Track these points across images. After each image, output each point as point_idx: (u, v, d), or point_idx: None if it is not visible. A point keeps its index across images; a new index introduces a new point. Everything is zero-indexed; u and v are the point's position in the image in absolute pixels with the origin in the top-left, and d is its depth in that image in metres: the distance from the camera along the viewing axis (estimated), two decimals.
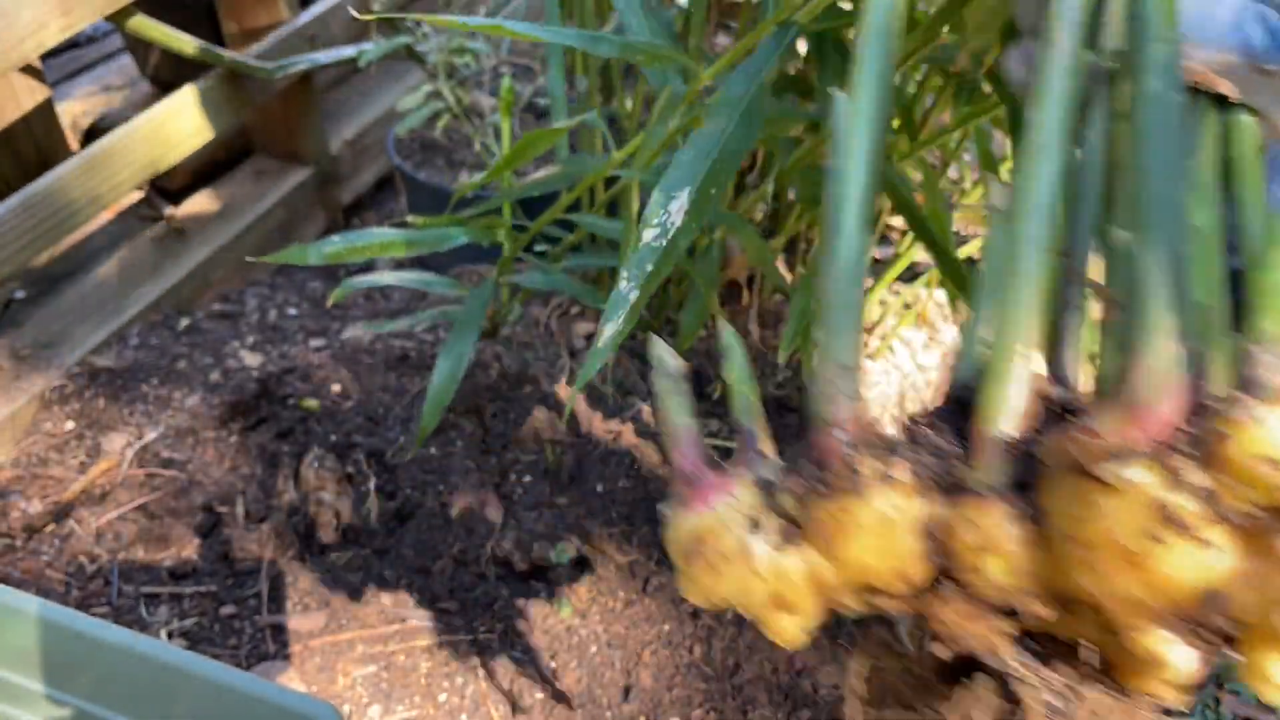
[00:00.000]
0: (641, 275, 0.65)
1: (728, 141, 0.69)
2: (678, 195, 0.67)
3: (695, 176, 0.68)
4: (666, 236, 0.65)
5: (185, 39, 1.60)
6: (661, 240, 0.65)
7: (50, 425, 1.45)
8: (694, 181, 0.67)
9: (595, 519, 1.38)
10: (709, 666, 1.25)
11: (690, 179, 0.67)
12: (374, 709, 1.18)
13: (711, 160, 0.68)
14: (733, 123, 0.70)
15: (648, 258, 0.65)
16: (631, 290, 0.65)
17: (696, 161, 0.68)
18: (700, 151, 0.69)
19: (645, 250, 0.65)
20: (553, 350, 1.65)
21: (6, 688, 0.84)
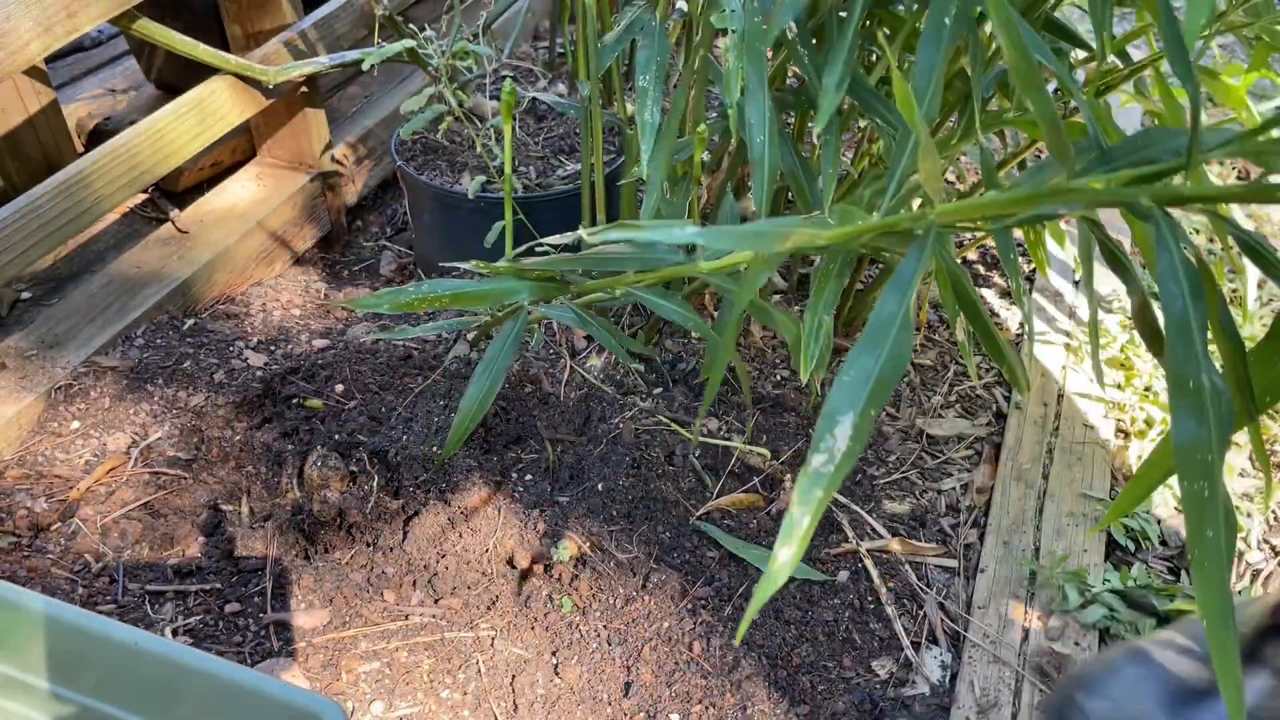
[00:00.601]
0: (812, 502, 0.66)
1: (884, 365, 0.70)
2: (842, 420, 0.68)
3: (858, 401, 0.69)
4: (834, 463, 0.67)
5: (189, 42, 1.61)
6: (829, 466, 0.67)
7: (56, 424, 1.46)
8: (857, 406, 0.69)
9: (596, 517, 1.39)
10: (708, 663, 1.26)
11: (854, 404, 0.69)
12: (377, 705, 1.19)
13: (873, 383, 0.70)
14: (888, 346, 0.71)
15: (818, 484, 0.66)
16: (804, 516, 0.66)
17: (858, 385, 0.70)
18: (861, 374, 0.70)
19: (814, 476, 0.67)
20: (553, 351, 1.66)
21: (13, 684, 0.85)
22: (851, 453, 0.67)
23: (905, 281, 0.75)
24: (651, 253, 1.09)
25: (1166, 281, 0.64)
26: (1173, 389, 0.63)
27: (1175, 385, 0.63)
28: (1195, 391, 0.63)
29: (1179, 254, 0.65)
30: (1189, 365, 0.63)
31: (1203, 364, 0.63)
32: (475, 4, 2.46)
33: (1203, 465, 0.62)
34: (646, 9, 1.32)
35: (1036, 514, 1.47)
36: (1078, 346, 1.78)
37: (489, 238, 1.59)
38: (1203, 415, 0.62)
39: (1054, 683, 1.25)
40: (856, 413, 0.68)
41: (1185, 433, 0.63)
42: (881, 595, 1.36)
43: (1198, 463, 0.62)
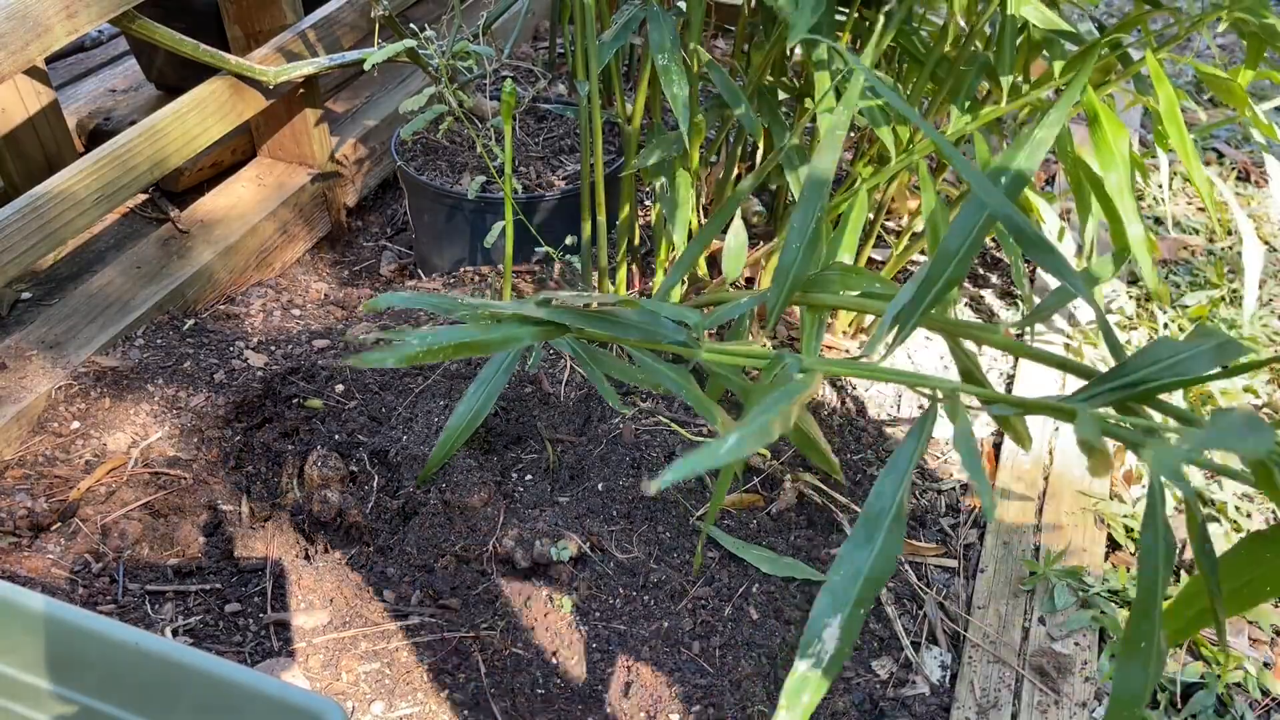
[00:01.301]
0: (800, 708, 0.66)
1: (876, 562, 0.70)
2: (830, 623, 0.68)
3: (846, 603, 0.68)
4: (821, 667, 0.67)
5: (190, 42, 1.61)
6: (816, 671, 0.67)
7: (56, 424, 1.46)
8: (845, 609, 0.68)
9: (596, 517, 1.39)
10: (708, 663, 1.26)
11: (842, 606, 0.68)
12: (377, 705, 1.19)
13: (862, 582, 0.69)
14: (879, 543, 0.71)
15: (805, 689, 0.66)
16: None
17: (847, 585, 0.69)
18: (850, 575, 0.69)
19: (802, 680, 0.66)
20: (553, 351, 1.66)
21: (13, 685, 0.85)
22: (840, 655, 0.67)
23: (902, 467, 0.73)
24: (656, 325, 1.09)
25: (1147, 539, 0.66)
26: (1124, 648, 0.65)
27: (1127, 645, 0.65)
28: (1144, 652, 0.64)
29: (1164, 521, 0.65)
30: (1145, 628, 0.65)
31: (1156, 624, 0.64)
32: (475, 4, 2.46)
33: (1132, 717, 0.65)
34: (646, 4, 1.32)
35: (1036, 514, 1.48)
36: (1078, 347, 1.78)
37: (489, 238, 1.59)
38: (1145, 673, 0.64)
39: (1054, 682, 1.25)
40: (845, 615, 0.68)
41: (1125, 689, 0.65)
42: (881, 595, 1.36)
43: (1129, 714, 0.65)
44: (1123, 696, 0.65)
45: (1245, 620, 1.37)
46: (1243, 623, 1.37)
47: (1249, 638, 1.36)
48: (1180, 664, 1.32)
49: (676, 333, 0.98)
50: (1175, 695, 1.28)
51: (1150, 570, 0.65)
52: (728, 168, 1.61)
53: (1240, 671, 1.31)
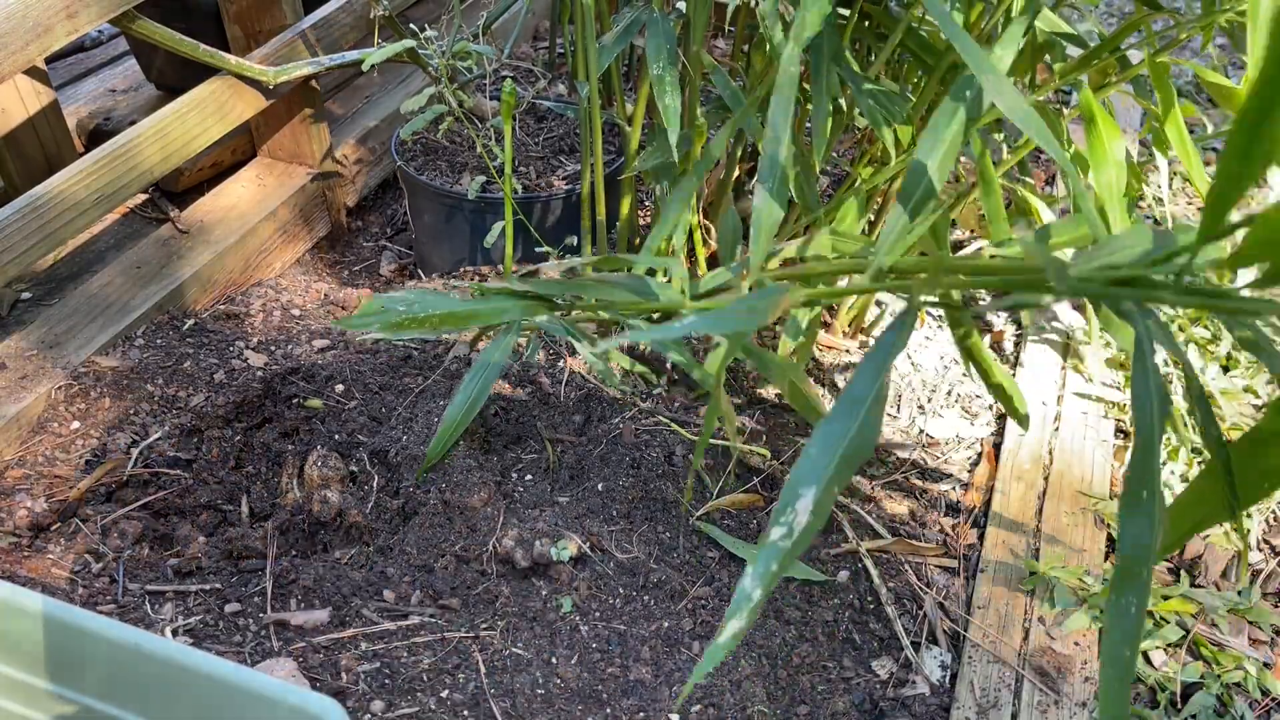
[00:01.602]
0: (767, 575, 0.65)
1: (854, 439, 0.69)
2: (805, 494, 0.67)
3: (822, 475, 0.68)
4: (792, 538, 0.66)
5: (190, 42, 1.61)
6: (787, 541, 0.66)
7: (56, 425, 1.46)
8: (820, 481, 0.67)
9: (596, 517, 1.39)
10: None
11: (817, 478, 0.67)
12: (377, 705, 1.19)
13: (839, 458, 0.68)
14: (859, 421, 0.70)
15: (774, 556, 0.65)
16: (756, 589, 0.65)
17: (822, 459, 0.68)
18: (827, 449, 0.69)
19: (771, 549, 0.65)
20: (553, 351, 1.66)
21: (13, 685, 0.85)
22: (811, 528, 0.66)
23: (883, 356, 0.73)
24: (642, 287, 1.09)
25: (1139, 388, 0.64)
26: (1126, 497, 0.62)
27: (1129, 496, 0.62)
28: (1146, 502, 0.62)
29: (1154, 360, 0.64)
30: (1146, 477, 0.63)
31: (1156, 478, 0.62)
32: (475, 4, 2.46)
33: (1137, 582, 0.61)
34: (646, 8, 1.32)
35: (1036, 514, 1.48)
36: (1077, 346, 1.78)
37: (489, 238, 1.59)
38: (1148, 529, 0.62)
39: (1054, 682, 1.25)
40: (819, 487, 0.67)
41: (1130, 545, 0.62)
42: (881, 595, 1.36)
43: (1134, 577, 0.62)
44: (1131, 553, 0.62)
45: (1245, 620, 1.37)
46: (1243, 623, 1.37)
47: (1249, 638, 1.36)
48: (1180, 664, 1.32)
49: (663, 288, 0.98)
50: (1175, 695, 1.28)
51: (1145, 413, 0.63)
52: (728, 168, 1.61)
53: (1240, 671, 1.31)
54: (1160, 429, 0.63)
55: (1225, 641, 1.34)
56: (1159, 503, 0.62)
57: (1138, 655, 0.61)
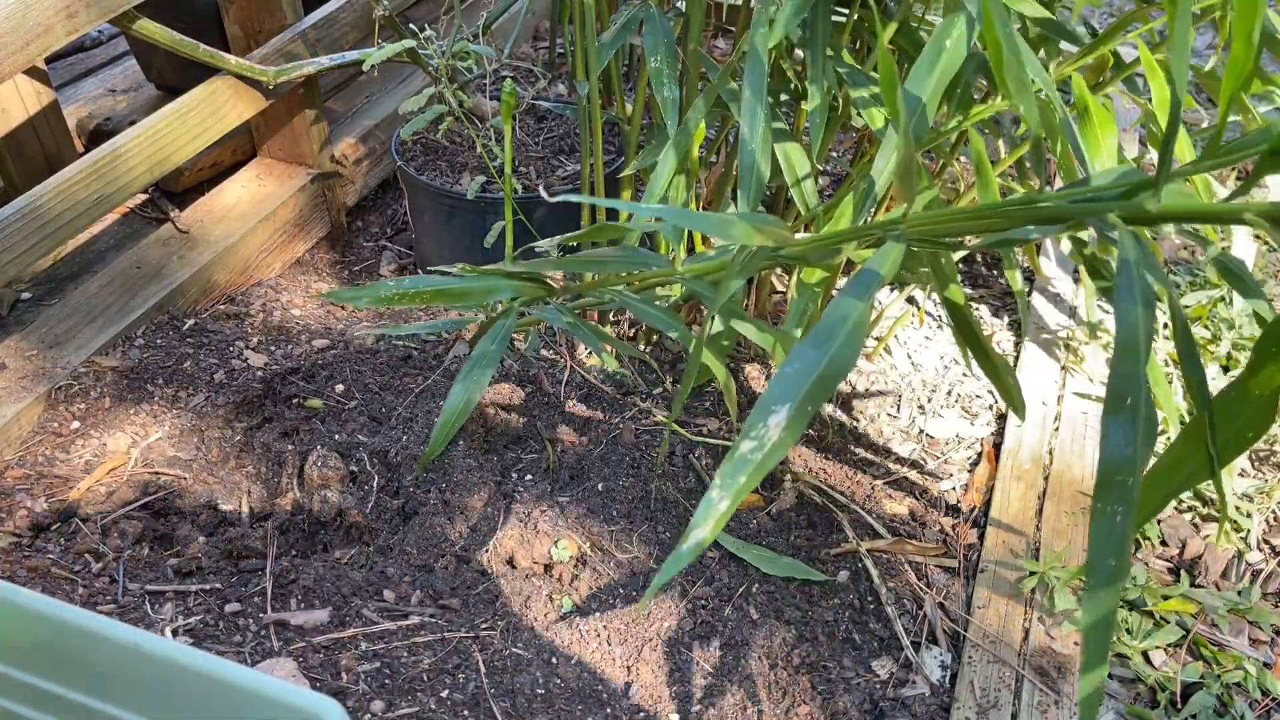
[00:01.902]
0: (734, 486, 0.65)
1: (832, 360, 0.69)
2: (778, 410, 0.67)
3: (796, 394, 0.67)
4: (762, 451, 0.66)
5: (190, 42, 1.61)
6: (757, 454, 0.65)
7: (56, 425, 1.46)
8: (795, 399, 0.67)
9: (596, 517, 1.39)
10: (708, 663, 1.26)
11: (791, 395, 0.67)
12: (377, 704, 1.19)
13: (815, 378, 0.68)
14: (837, 344, 0.69)
15: (741, 469, 0.65)
16: (722, 500, 0.65)
17: (799, 377, 0.68)
18: (804, 368, 0.68)
19: (740, 462, 0.65)
20: (554, 351, 1.66)
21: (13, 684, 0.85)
22: (782, 444, 0.66)
23: (867, 284, 0.73)
24: (636, 257, 1.08)
25: (1123, 297, 0.63)
26: (1109, 403, 0.61)
27: (1112, 400, 0.61)
28: (1130, 409, 0.61)
29: (1139, 273, 0.63)
30: (1129, 384, 0.61)
31: (1142, 387, 0.61)
32: (475, 4, 2.46)
33: (1121, 489, 0.60)
34: (644, 5, 1.33)
35: (1036, 514, 1.48)
36: (1077, 346, 1.78)
37: (489, 238, 1.59)
38: (1131, 437, 0.61)
39: (1054, 682, 1.25)
40: (793, 405, 0.67)
41: (1112, 450, 0.61)
42: (881, 595, 1.36)
43: (1117, 484, 0.60)
44: (1113, 458, 0.61)
45: (1245, 620, 1.37)
46: (1243, 623, 1.37)
47: (1249, 638, 1.36)
48: (1180, 664, 1.32)
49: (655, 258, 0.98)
50: (1175, 695, 1.28)
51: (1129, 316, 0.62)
52: (727, 167, 1.61)
53: (1240, 671, 1.31)
54: (1146, 335, 0.62)
55: (1225, 641, 1.34)
56: (1144, 409, 0.61)
57: (1126, 568, 0.59)
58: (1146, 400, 0.61)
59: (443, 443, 1.20)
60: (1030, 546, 1.43)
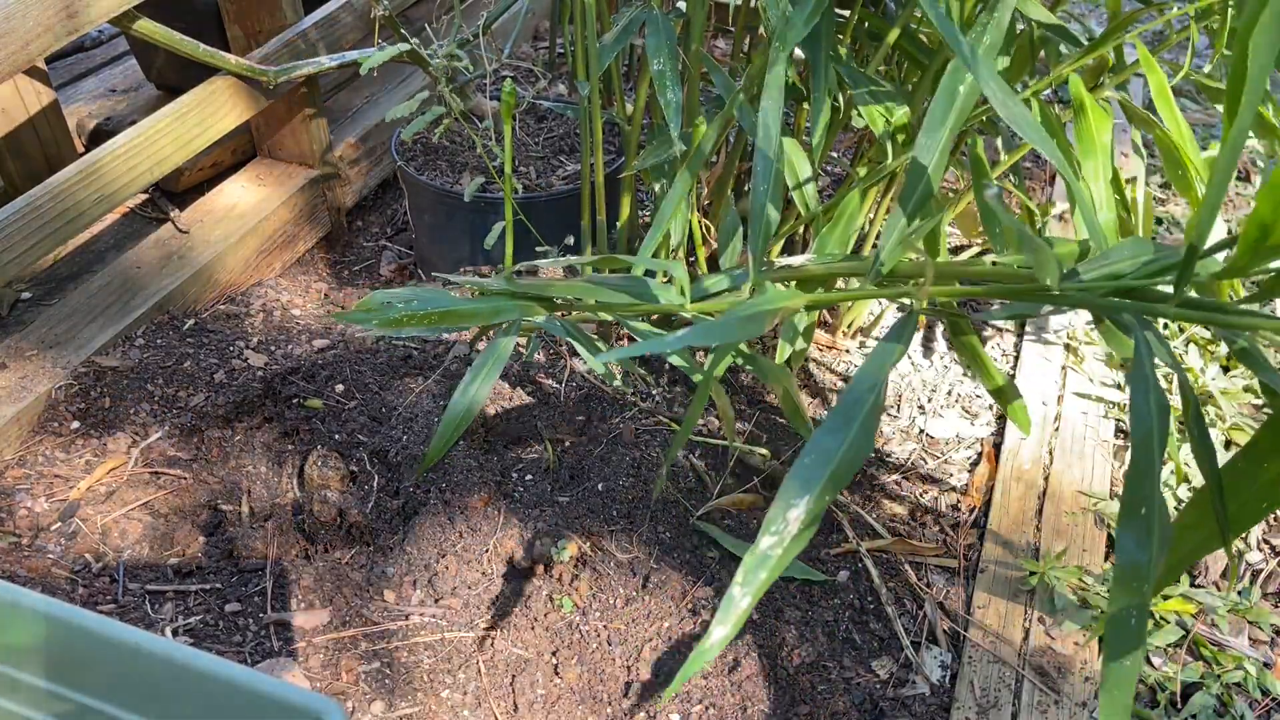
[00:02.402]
0: (755, 583, 0.65)
1: (848, 450, 0.69)
2: (797, 504, 0.67)
3: (814, 486, 0.67)
4: (783, 546, 0.66)
5: (190, 42, 1.61)
6: (777, 550, 0.66)
7: (57, 424, 1.46)
8: (813, 491, 0.67)
9: (596, 517, 1.39)
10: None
11: (810, 489, 0.67)
12: (377, 705, 1.19)
13: (833, 467, 0.68)
14: (853, 432, 0.69)
15: (763, 566, 0.65)
16: (744, 597, 0.65)
17: (816, 469, 0.68)
18: (820, 459, 0.68)
19: (761, 558, 0.65)
20: (554, 351, 1.66)
21: (13, 684, 0.85)
22: (801, 538, 0.66)
23: (879, 364, 0.72)
24: (640, 289, 1.08)
25: (1137, 397, 0.63)
26: (1124, 509, 0.61)
27: (1128, 506, 0.62)
28: (1145, 517, 0.61)
29: (1153, 373, 0.63)
30: (1145, 488, 0.62)
31: (1155, 491, 0.61)
32: (475, 4, 2.46)
33: (1136, 592, 0.61)
34: (645, 7, 1.33)
35: (1036, 514, 1.48)
36: (1077, 346, 1.78)
37: (489, 239, 1.59)
38: (1146, 542, 0.61)
39: (1054, 682, 1.25)
40: (812, 497, 0.67)
41: (1127, 555, 0.61)
42: (881, 595, 1.36)
43: (1132, 590, 0.61)
44: (1128, 566, 0.61)
45: (1245, 620, 1.37)
46: (1243, 623, 1.37)
47: (1249, 638, 1.36)
48: (1180, 664, 1.32)
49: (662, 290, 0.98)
50: (1175, 695, 1.28)
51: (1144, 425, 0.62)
52: (727, 168, 1.61)
53: (1240, 671, 1.31)
54: (1161, 442, 0.63)
55: (1225, 641, 1.34)
56: (1158, 517, 0.61)
57: (1140, 666, 0.60)
58: (1161, 508, 0.62)
59: (441, 451, 1.21)
60: (1030, 546, 1.43)
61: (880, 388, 0.71)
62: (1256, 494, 0.67)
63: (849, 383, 0.72)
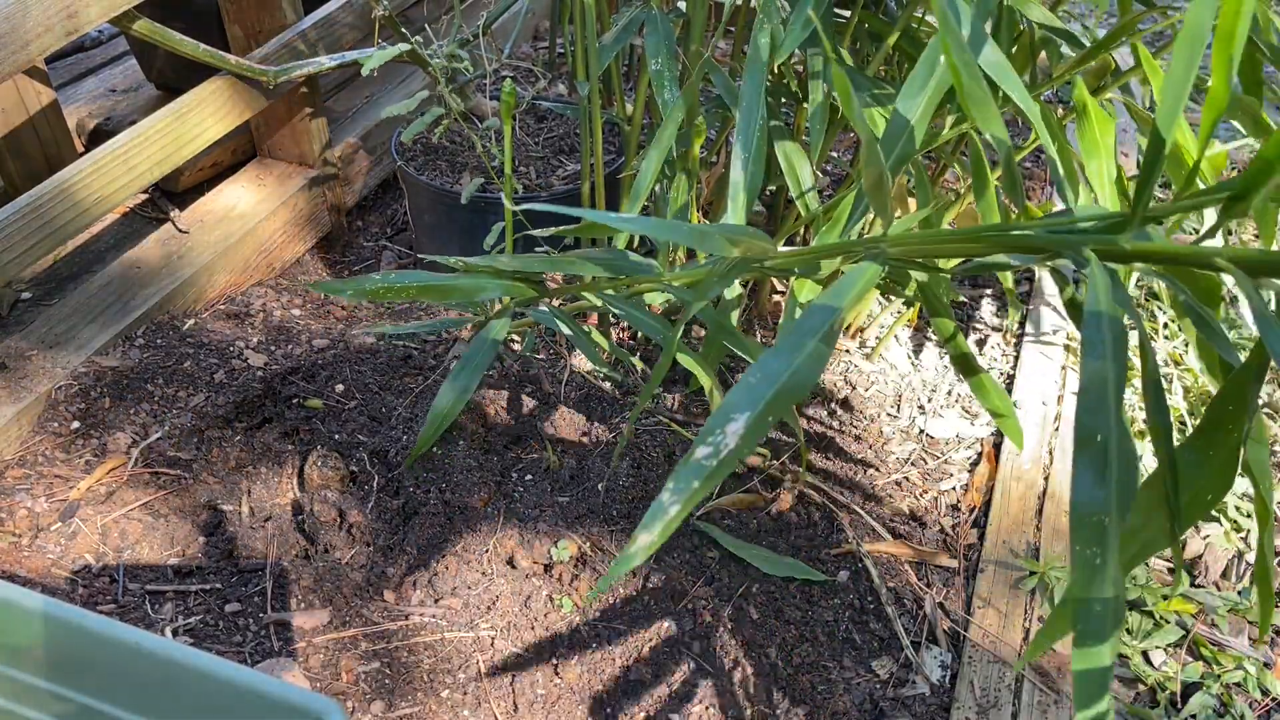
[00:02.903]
0: (687, 491, 0.63)
1: (795, 373, 0.67)
2: (736, 418, 0.65)
3: (757, 403, 0.66)
4: (717, 458, 0.64)
5: (190, 42, 1.61)
6: (712, 460, 0.64)
7: (57, 424, 1.46)
8: (755, 408, 0.66)
9: (596, 517, 1.39)
10: (709, 663, 1.26)
11: (752, 404, 0.66)
12: (377, 705, 1.19)
13: (777, 389, 0.67)
14: (802, 356, 0.68)
15: (695, 474, 0.64)
16: (673, 504, 0.63)
17: (760, 388, 0.67)
18: (767, 378, 0.67)
19: (694, 467, 0.64)
20: (553, 350, 1.66)
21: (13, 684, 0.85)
22: (738, 452, 0.64)
23: (839, 296, 0.71)
24: (624, 262, 1.08)
25: (1091, 331, 0.61)
26: (1077, 441, 0.58)
27: (1080, 438, 0.58)
28: (1100, 446, 0.58)
29: (1109, 307, 0.62)
30: (1099, 419, 0.59)
31: (1114, 423, 0.58)
32: (475, 4, 2.46)
33: (1097, 529, 0.57)
34: (645, 7, 1.33)
35: (1036, 514, 1.48)
36: (1077, 346, 1.78)
37: (489, 239, 1.59)
38: (1104, 475, 0.58)
39: (1054, 682, 1.25)
40: (753, 414, 0.65)
41: (1083, 491, 0.58)
42: (881, 595, 1.36)
43: (1093, 525, 0.57)
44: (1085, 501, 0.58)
45: (1245, 620, 1.37)
46: (1243, 623, 1.37)
47: (1249, 638, 1.36)
48: (1180, 664, 1.32)
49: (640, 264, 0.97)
50: (1175, 695, 1.28)
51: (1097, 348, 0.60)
52: (728, 168, 1.61)
53: (1240, 671, 1.31)
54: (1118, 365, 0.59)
55: (1225, 641, 1.34)
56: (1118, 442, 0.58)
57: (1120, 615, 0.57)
58: (1120, 434, 0.58)
59: (430, 441, 1.20)
60: (1030, 546, 1.43)
61: (835, 318, 0.70)
62: (1206, 481, 0.65)
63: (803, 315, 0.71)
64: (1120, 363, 0.60)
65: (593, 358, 1.23)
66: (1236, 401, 0.62)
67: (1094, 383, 0.59)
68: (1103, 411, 0.59)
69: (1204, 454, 0.64)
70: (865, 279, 0.74)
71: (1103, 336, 0.61)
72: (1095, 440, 0.58)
